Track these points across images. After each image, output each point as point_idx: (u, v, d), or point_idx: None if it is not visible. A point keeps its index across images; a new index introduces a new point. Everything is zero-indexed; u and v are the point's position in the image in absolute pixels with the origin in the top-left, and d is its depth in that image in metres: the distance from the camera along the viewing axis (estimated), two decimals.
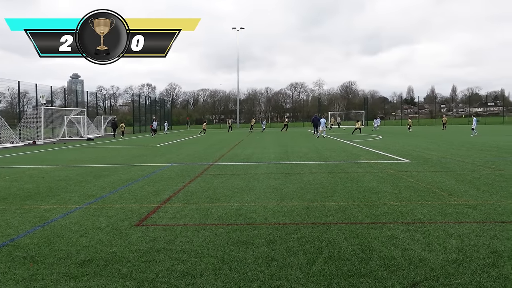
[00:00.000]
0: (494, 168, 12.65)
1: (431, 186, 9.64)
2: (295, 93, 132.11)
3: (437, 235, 5.74)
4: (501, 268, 4.49)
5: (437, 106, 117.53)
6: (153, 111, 67.94)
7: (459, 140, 26.92)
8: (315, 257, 4.95)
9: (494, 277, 4.25)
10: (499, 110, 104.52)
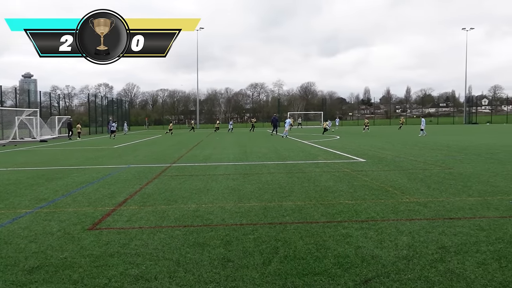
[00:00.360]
0: (444, 166, 13.16)
1: (385, 184, 9.91)
2: (255, 93, 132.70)
3: (389, 232, 5.91)
4: (448, 263, 4.67)
5: (392, 107, 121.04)
6: (110, 112, 66.38)
7: (412, 140, 27.83)
8: (271, 257, 4.98)
9: (441, 272, 4.42)
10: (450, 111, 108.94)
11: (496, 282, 4.13)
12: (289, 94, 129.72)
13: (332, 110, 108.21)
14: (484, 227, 6.12)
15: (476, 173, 11.48)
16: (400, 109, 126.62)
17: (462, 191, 8.93)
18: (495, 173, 11.49)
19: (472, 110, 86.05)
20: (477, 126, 62.01)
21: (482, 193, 8.72)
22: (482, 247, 5.20)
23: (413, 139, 28.55)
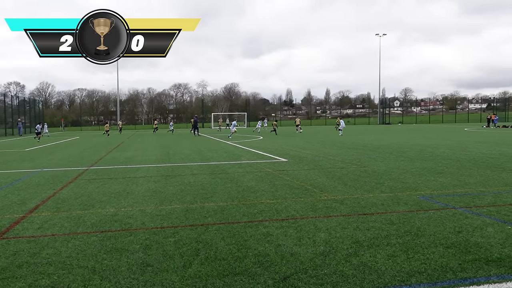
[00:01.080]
0: (359, 164, 13.85)
1: (304, 183, 10.22)
2: (178, 94, 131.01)
3: (308, 230, 6.10)
4: (361, 257, 4.92)
5: (313, 108, 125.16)
6: (22, 112, 62.01)
7: (331, 140, 28.98)
8: (192, 259, 4.93)
9: (355, 265, 4.64)
10: (366, 112, 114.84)
11: (404, 273, 4.41)
12: (213, 95, 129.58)
13: (256, 111, 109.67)
14: (394, 221, 6.52)
15: (388, 171, 12.20)
16: (321, 110, 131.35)
17: (375, 188, 9.44)
18: (405, 170, 12.30)
19: (386, 111, 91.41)
20: (390, 126, 65.99)
21: (393, 189, 9.29)
22: (392, 240, 5.53)
23: (332, 139, 29.74)
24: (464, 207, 7.43)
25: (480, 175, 11.05)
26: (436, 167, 12.89)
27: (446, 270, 4.46)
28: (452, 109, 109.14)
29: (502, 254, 4.93)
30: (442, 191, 8.97)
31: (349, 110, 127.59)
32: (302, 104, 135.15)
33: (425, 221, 6.49)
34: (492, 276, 4.28)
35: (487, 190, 8.98)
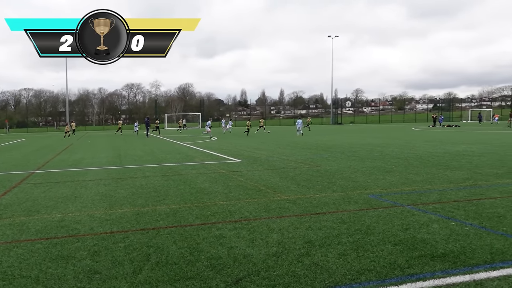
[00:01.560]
0: (312, 164, 14.05)
1: (258, 184, 10.24)
2: (131, 94, 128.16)
3: (261, 231, 6.10)
4: (313, 256, 4.97)
5: (267, 108, 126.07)
6: None
7: (285, 140, 29.26)
8: (142, 264, 4.81)
9: (307, 265, 4.68)
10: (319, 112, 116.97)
11: (354, 271, 4.49)
12: (166, 95, 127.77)
13: (210, 111, 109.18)
14: (345, 220, 6.64)
15: (340, 170, 12.45)
16: (275, 110, 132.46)
17: (327, 187, 9.60)
18: (356, 169, 12.59)
19: (338, 112, 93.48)
20: (342, 126, 67.53)
21: (345, 188, 9.48)
22: (343, 239, 5.62)
23: (286, 139, 30.04)
24: (411, 204, 7.69)
25: (426, 173, 11.48)
26: (385, 166, 13.28)
27: (394, 267, 4.58)
28: (400, 109, 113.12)
29: (446, 249, 5.13)
30: (391, 189, 9.24)
31: (302, 110, 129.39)
32: (256, 104, 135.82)
33: (375, 219, 6.66)
34: (437, 271, 4.44)
35: (432, 188, 9.34)
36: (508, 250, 5.07)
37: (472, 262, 4.70)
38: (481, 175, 11.07)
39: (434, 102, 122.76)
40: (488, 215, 6.80)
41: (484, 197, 8.22)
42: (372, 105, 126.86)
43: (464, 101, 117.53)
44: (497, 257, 4.82)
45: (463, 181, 10.19)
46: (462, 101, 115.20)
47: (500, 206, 7.40)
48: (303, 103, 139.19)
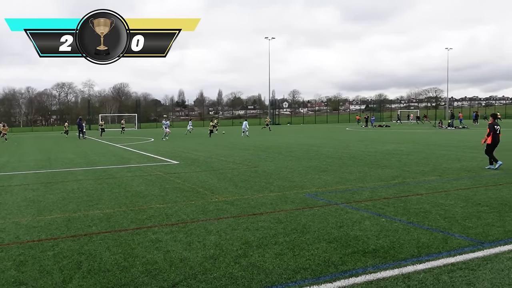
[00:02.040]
0: (250, 165, 14.14)
1: (196, 186, 10.15)
2: (62, 94, 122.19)
3: (198, 233, 6.04)
4: (250, 257, 4.99)
5: (205, 109, 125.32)
6: None
7: (223, 141, 29.23)
8: (73, 273, 4.59)
9: (244, 267, 4.69)
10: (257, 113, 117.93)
11: (290, 270, 4.56)
12: (100, 95, 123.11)
13: (147, 112, 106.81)
14: (282, 219, 6.74)
15: (277, 170, 12.62)
16: (213, 111, 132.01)
17: (265, 188, 9.70)
18: (293, 169, 12.83)
19: (276, 112, 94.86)
20: (279, 127, 68.54)
21: (282, 188, 9.62)
22: (279, 239, 5.70)
23: (225, 140, 30.02)
24: (345, 202, 7.95)
25: (359, 172, 11.92)
26: (321, 165, 13.64)
27: (329, 264, 4.71)
28: (335, 110, 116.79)
29: (377, 245, 5.35)
30: (326, 188, 9.50)
31: (240, 111, 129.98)
32: (194, 105, 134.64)
33: (310, 218, 6.81)
34: (369, 267, 4.62)
35: (365, 186, 9.72)
36: (433, 243, 5.38)
37: (400, 256, 4.93)
38: (409, 172, 11.68)
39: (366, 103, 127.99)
40: (415, 211, 7.18)
41: (412, 194, 8.68)
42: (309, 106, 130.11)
43: (393, 102, 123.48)
44: (423, 251, 5.10)
45: (393, 178, 10.69)
46: (392, 102, 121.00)
47: (426, 202, 7.84)
48: (241, 104, 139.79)
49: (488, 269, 4.47)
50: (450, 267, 4.55)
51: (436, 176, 11.01)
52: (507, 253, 4.98)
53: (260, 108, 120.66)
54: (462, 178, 10.59)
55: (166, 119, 40.43)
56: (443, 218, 6.67)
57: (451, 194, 8.62)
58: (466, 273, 4.38)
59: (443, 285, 4.08)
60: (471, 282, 4.15)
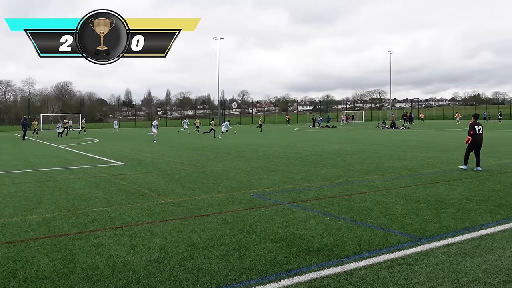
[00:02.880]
0: (198, 166, 14.03)
1: (142, 187, 9.94)
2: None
3: (143, 236, 5.91)
4: (196, 259, 4.94)
5: (153, 109, 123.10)
6: None
7: (172, 141, 28.83)
8: (7, 282, 4.36)
9: (189, 269, 4.64)
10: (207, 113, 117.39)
11: (236, 271, 4.56)
12: (42, 94, 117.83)
13: (92, 112, 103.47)
14: (229, 220, 6.73)
15: (225, 171, 12.61)
16: (161, 111, 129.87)
17: (212, 188, 9.66)
18: (241, 169, 12.86)
19: (225, 112, 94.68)
20: None
21: (229, 188, 9.62)
22: (226, 240, 5.69)
23: (173, 140, 29.62)
24: (292, 202, 8.06)
25: (306, 172, 12.14)
26: (269, 165, 13.76)
27: (274, 264, 4.76)
28: (284, 110, 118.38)
29: (321, 243, 5.46)
30: (273, 188, 9.60)
31: (189, 111, 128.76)
32: (142, 105, 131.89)
33: (257, 218, 6.85)
34: (313, 265, 4.70)
35: (311, 185, 9.90)
36: (374, 240, 5.57)
37: (343, 254, 5.06)
38: (353, 172, 12.03)
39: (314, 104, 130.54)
40: (358, 209, 7.40)
41: (355, 193, 8.94)
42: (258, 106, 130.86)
43: (340, 103, 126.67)
44: (365, 248, 5.26)
45: (338, 178, 10.97)
46: (339, 103, 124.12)
47: (369, 200, 8.10)
48: (190, 104, 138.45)
49: (424, 264, 4.69)
50: (389, 263, 4.72)
51: (378, 175, 11.41)
52: (442, 248, 5.24)
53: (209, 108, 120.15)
54: (402, 177, 11.04)
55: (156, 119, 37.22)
56: (384, 215, 6.92)
57: (392, 192, 8.96)
58: (404, 268, 4.56)
59: (383, 281, 4.23)
60: (409, 276, 4.33)
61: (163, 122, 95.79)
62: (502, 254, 4.99)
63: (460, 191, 8.90)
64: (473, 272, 4.43)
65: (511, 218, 6.64)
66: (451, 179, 10.55)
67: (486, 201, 7.95)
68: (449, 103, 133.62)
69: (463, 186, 9.55)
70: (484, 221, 6.49)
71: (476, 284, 4.12)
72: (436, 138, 27.78)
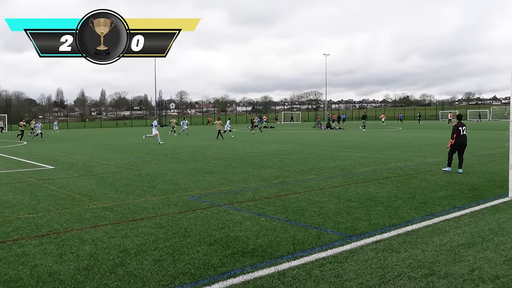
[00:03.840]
0: (133, 168, 13.67)
1: (72, 192, 9.52)
2: None
3: (72, 244, 5.66)
4: (128, 266, 4.80)
5: (87, 109, 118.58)
6: None
7: (105, 143, 27.88)
8: None
9: (120, 276, 4.50)
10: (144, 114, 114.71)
11: (169, 276, 4.48)
12: None
13: (20, 113, 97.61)
14: (163, 224, 6.61)
15: (161, 173, 12.38)
16: (96, 111, 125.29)
17: (147, 192, 9.44)
18: (178, 171, 12.68)
19: (163, 113, 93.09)
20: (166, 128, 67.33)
21: (165, 191, 9.45)
22: (160, 244, 5.58)
23: (107, 142, 28.65)
24: (228, 204, 8.06)
25: (243, 173, 12.19)
26: (206, 167, 13.69)
27: (208, 267, 4.73)
28: (223, 111, 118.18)
29: (256, 245, 5.50)
30: (210, 190, 9.55)
31: (126, 112, 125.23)
32: (75, 105, 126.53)
33: (193, 221, 6.78)
34: (247, 266, 4.73)
35: (247, 186, 9.96)
36: (307, 240, 5.69)
37: (277, 254, 5.13)
38: (289, 172, 12.24)
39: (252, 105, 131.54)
40: (293, 209, 7.54)
41: (291, 193, 9.10)
42: (196, 107, 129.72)
43: (278, 104, 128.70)
44: (298, 247, 5.37)
45: (274, 178, 11.12)
46: (277, 104, 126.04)
47: (303, 200, 8.28)
48: (126, 105, 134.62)
49: (354, 261, 4.86)
50: (321, 261, 4.85)
51: (313, 175, 11.69)
52: (371, 245, 5.46)
53: (147, 109, 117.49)
54: (336, 176, 11.39)
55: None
56: (317, 214, 7.10)
57: (326, 191, 9.22)
58: (335, 266, 4.70)
59: (314, 279, 4.33)
60: (339, 274, 4.46)
61: (97, 123, 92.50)
62: (425, 248, 5.28)
63: (389, 189, 9.32)
64: (399, 267, 4.65)
65: (434, 214, 7.05)
66: (381, 177, 11.03)
67: (412, 198, 8.39)
68: (380, 105, 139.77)
69: (392, 184, 10.02)
70: (410, 218, 6.84)
71: (401, 279, 4.32)
72: (368, 138, 28.96)
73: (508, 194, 8.33)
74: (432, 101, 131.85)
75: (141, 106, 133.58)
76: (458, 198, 8.36)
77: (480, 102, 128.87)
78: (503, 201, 8.05)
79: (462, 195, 8.60)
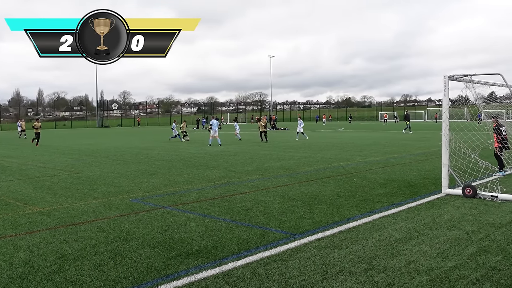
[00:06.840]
0: (73, 171, 13.15)
1: (5, 197, 9.02)
2: None
3: (5, 251, 5.36)
4: (66, 272, 4.61)
5: (23, 110, 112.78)
6: None
7: (44, 145, 26.61)
8: None
9: (58, 283, 4.31)
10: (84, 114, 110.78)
11: (110, 281, 4.35)
12: None
13: None
14: (104, 228, 6.41)
15: (103, 175, 12.00)
16: (33, 112, 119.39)
17: (88, 195, 9.12)
18: (120, 173, 12.34)
19: (105, 114, 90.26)
20: (109, 129, 65.43)
21: (107, 194, 9.17)
22: (100, 249, 5.40)
23: (46, 144, 27.38)
24: (172, 205, 7.95)
25: (188, 174, 12.07)
26: (150, 168, 13.42)
27: (151, 270, 4.63)
28: (167, 112, 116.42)
29: (200, 246, 5.46)
30: (154, 192, 9.37)
31: (65, 112, 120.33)
32: (9, 105, 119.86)
33: (135, 224, 6.63)
34: (191, 268, 4.68)
35: (192, 187, 9.87)
36: (252, 239, 5.72)
37: (222, 254, 5.12)
38: (234, 172, 12.26)
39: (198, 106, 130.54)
40: (238, 209, 7.55)
41: (236, 193, 9.12)
42: (140, 107, 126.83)
43: (223, 105, 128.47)
44: (243, 247, 5.39)
45: (220, 179, 11.09)
46: (222, 105, 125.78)
47: (248, 200, 8.32)
48: (66, 105, 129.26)
49: (297, 258, 4.94)
50: (266, 260, 4.89)
51: (259, 175, 11.78)
52: (314, 242, 5.57)
53: (88, 110, 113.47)
54: (281, 176, 11.54)
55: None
56: (262, 214, 7.16)
57: (271, 191, 9.31)
58: (279, 264, 4.76)
59: (259, 278, 4.36)
60: (283, 272, 4.52)
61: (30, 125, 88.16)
62: (365, 244, 5.46)
63: (332, 188, 9.57)
64: (340, 263, 4.78)
65: (374, 211, 7.31)
66: (324, 176, 11.30)
67: (353, 196, 8.66)
68: (324, 106, 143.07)
69: (335, 183, 10.29)
70: (351, 215, 7.05)
71: (343, 274, 4.45)
72: (312, 138, 29.57)
73: (442, 190, 8.80)
74: (373, 103, 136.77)
75: (81, 107, 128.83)
76: (396, 195, 8.73)
77: (416, 103, 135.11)
78: (437, 197, 8.49)
79: (399, 192, 8.99)
